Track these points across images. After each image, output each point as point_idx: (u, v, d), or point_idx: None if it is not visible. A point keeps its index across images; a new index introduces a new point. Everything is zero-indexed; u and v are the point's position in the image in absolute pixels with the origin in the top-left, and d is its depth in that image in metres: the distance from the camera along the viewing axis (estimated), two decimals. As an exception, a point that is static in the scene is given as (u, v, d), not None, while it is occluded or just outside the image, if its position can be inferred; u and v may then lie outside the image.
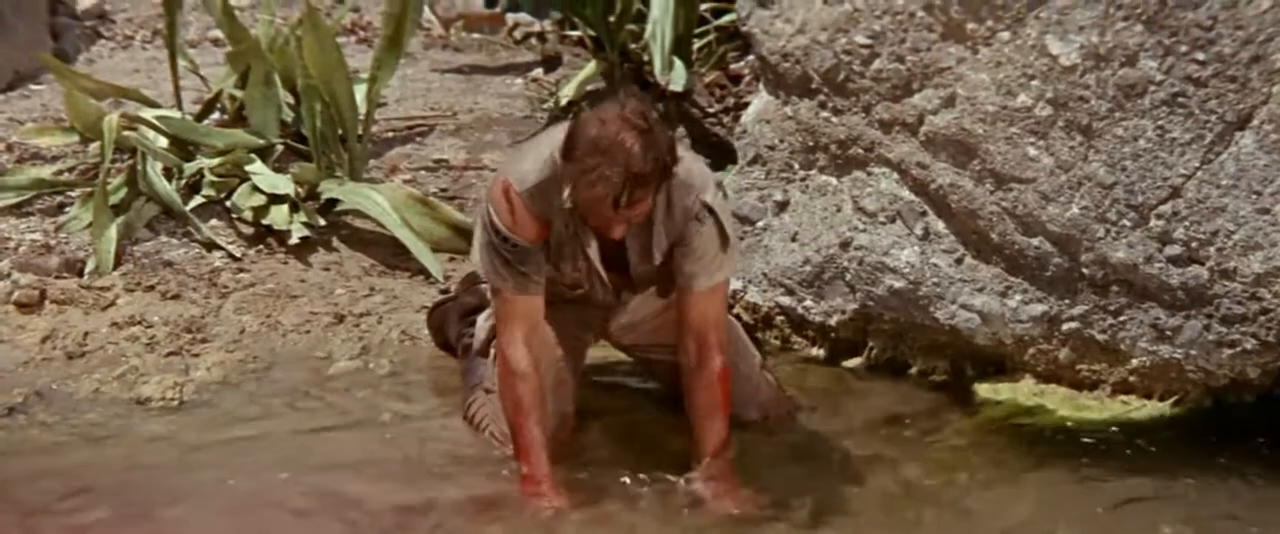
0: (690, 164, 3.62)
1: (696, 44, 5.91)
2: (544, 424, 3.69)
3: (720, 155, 5.46)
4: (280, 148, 5.10)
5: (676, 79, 5.65)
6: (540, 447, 3.67)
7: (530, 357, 3.67)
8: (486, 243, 3.63)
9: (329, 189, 4.97)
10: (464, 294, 4.35)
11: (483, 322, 4.06)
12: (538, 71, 6.15)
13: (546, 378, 3.75)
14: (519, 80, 6.09)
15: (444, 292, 4.69)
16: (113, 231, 4.69)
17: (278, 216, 4.88)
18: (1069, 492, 3.88)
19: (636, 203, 3.40)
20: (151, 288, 4.61)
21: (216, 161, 4.97)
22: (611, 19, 5.84)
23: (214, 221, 4.90)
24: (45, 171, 5.06)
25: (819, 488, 3.85)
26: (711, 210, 3.60)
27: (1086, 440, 4.09)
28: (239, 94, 5.17)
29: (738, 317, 4.41)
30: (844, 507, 3.77)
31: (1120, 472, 3.94)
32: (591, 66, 5.88)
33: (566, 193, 3.45)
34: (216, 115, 5.29)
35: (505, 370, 3.69)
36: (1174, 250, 3.91)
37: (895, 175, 4.26)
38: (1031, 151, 4.00)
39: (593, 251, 3.68)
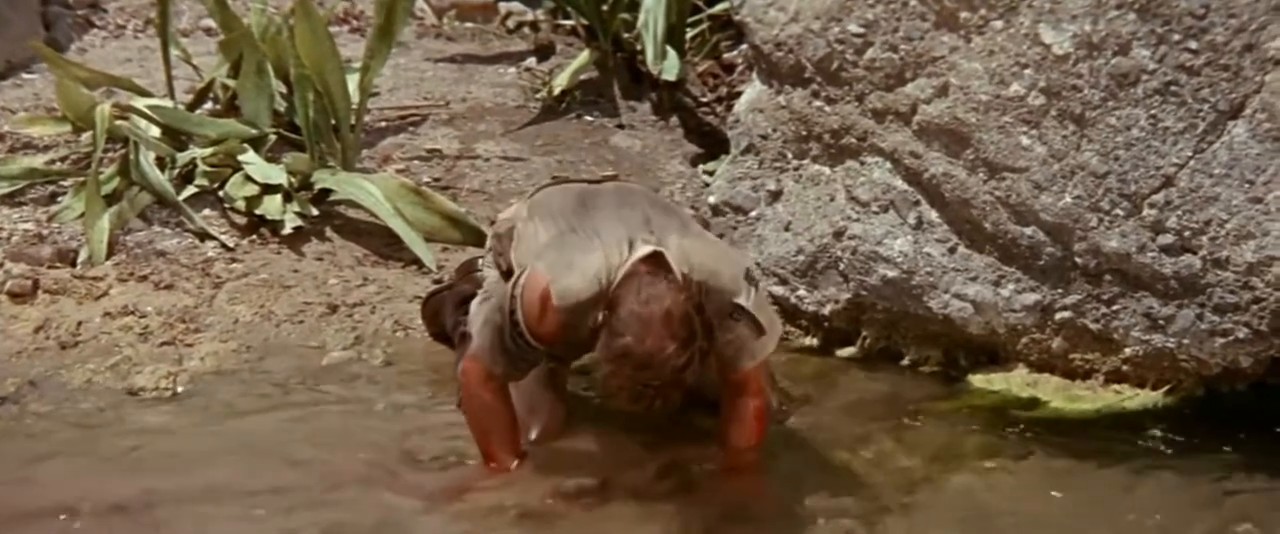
0: (718, 269, 3.55)
1: (689, 33, 5.91)
2: (516, 450, 3.74)
3: (713, 144, 5.47)
4: (273, 137, 5.09)
5: (669, 68, 5.65)
6: (506, 450, 3.72)
7: (496, 388, 3.69)
8: (497, 326, 3.60)
9: (322, 179, 4.97)
10: (460, 282, 4.35)
11: (476, 306, 4.06)
12: (531, 61, 6.14)
13: (522, 428, 3.80)
14: (512, 69, 6.08)
15: (437, 281, 4.69)
16: (105, 221, 4.68)
17: (271, 206, 4.88)
18: (1061, 479, 3.89)
19: (666, 398, 3.40)
20: (144, 278, 4.60)
21: (209, 151, 4.97)
22: (604, 8, 5.84)
23: (207, 211, 4.89)
24: (38, 161, 5.05)
25: (811, 476, 3.86)
26: (744, 311, 3.55)
27: (1079, 429, 4.09)
28: (232, 83, 5.16)
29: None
30: (836, 495, 3.78)
31: (1113, 459, 3.95)
32: (584, 56, 5.88)
33: (599, 358, 3.44)
34: (209, 105, 5.28)
35: (468, 395, 3.70)
36: (1167, 240, 3.92)
37: (888, 165, 4.27)
38: (1024, 141, 4.00)
39: None
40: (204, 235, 4.80)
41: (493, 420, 3.71)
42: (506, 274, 3.74)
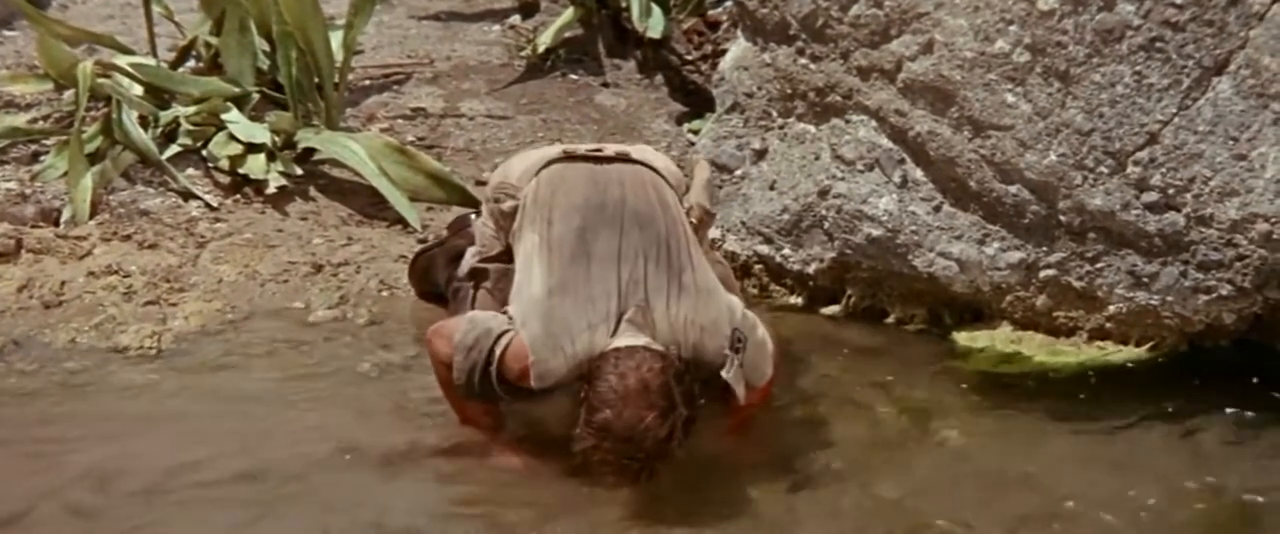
0: (702, 340, 3.55)
1: (674, -10, 5.90)
2: (497, 415, 3.73)
3: (698, 103, 5.46)
4: (256, 96, 5.08)
5: (654, 25, 5.64)
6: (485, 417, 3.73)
7: None
8: (478, 365, 3.56)
9: (306, 138, 4.95)
10: (452, 238, 4.34)
11: (469, 257, 4.06)
12: (515, 18, 6.12)
13: None
14: (496, 27, 6.06)
15: (422, 241, 4.68)
16: (88, 180, 4.66)
17: (254, 166, 4.87)
18: (1045, 435, 3.91)
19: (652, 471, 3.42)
20: (128, 237, 4.59)
21: (192, 110, 4.95)
22: (589, -35, 5.82)
23: (190, 170, 4.88)
24: (20, 119, 5.03)
25: (797, 433, 3.87)
26: (732, 384, 3.54)
27: (1063, 385, 4.11)
28: (214, 41, 5.14)
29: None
30: (821, 452, 3.79)
31: (1097, 416, 3.96)
32: (569, 13, 5.86)
33: (580, 433, 3.43)
34: (192, 63, 5.26)
35: (439, 363, 3.66)
36: (1151, 197, 3.92)
37: (873, 123, 4.26)
38: (1009, 98, 4.00)
39: None
40: (187, 194, 4.79)
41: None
42: (507, 253, 3.76)
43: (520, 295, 3.60)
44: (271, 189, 4.83)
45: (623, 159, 3.79)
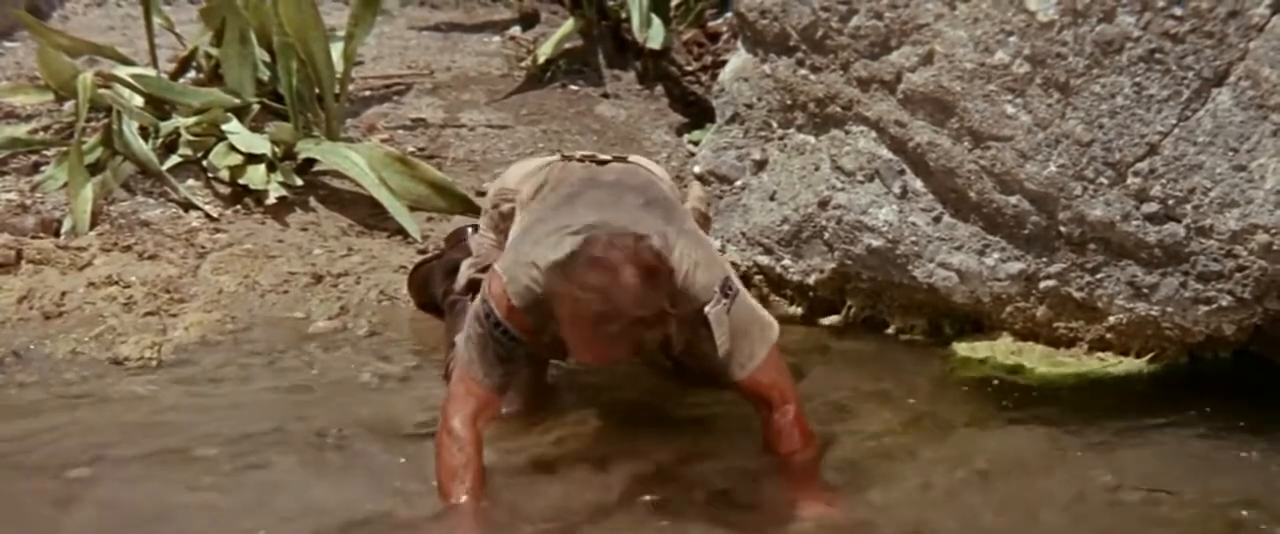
0: (692, 275, 3.47)
1: (674, 1, 5.90)
2: (475, 493, 3.49)
3: (698, 113, 5.47)
4: (257, 107, 5.08)
5: (654, 36, 5.65)
6: (468, 513, 3.49)
7: (474, 433, 3.51)
8: (476, 336, 3.52)
9: (306, 148, 4.96)
10: (450, 250, 4.35)
11: (465, 268, 4.06)
12: (515, 29, 6.13)
13: (504, 402, 3.65)
14: (496, 38, 6.07)
15: (422, 251, 4.68)
16: (89, 191, 4.67)
17: (255, 176, 4.87)
18: (1046, 447, 3.90)
19: (618, 343, 3.26)
20: (128, 248, 4.59)
21: (192, 121, 4.95)
22: (589, -24, 5.83)
23: (191, 181, 4.89)
24: (20, 130, 5.04)
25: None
26: (712, 323, 3.46)
27: (1064, 397, 4.10)
28: (215, 52, 5.15)
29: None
30: (821, 464, 3.78)
31: (1098, 427, 3.96)
32: (569, 24, 5.87)
33: (555, 297, 3.30)
34: (192, 73, 5.27)
35: (445, 439, 3.52)
36: (1151, 208, 3.92)
37: (873, 134, 4.26)
38: (1009, 109, 4.00)
39: None
40: (188, 205, 4.79)
41: (449, 482, 3.49)
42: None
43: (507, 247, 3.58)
44: (272, 200, 4.84)
45: (619, 160, 3.85)
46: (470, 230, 4.29)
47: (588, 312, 3.22)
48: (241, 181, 4.87)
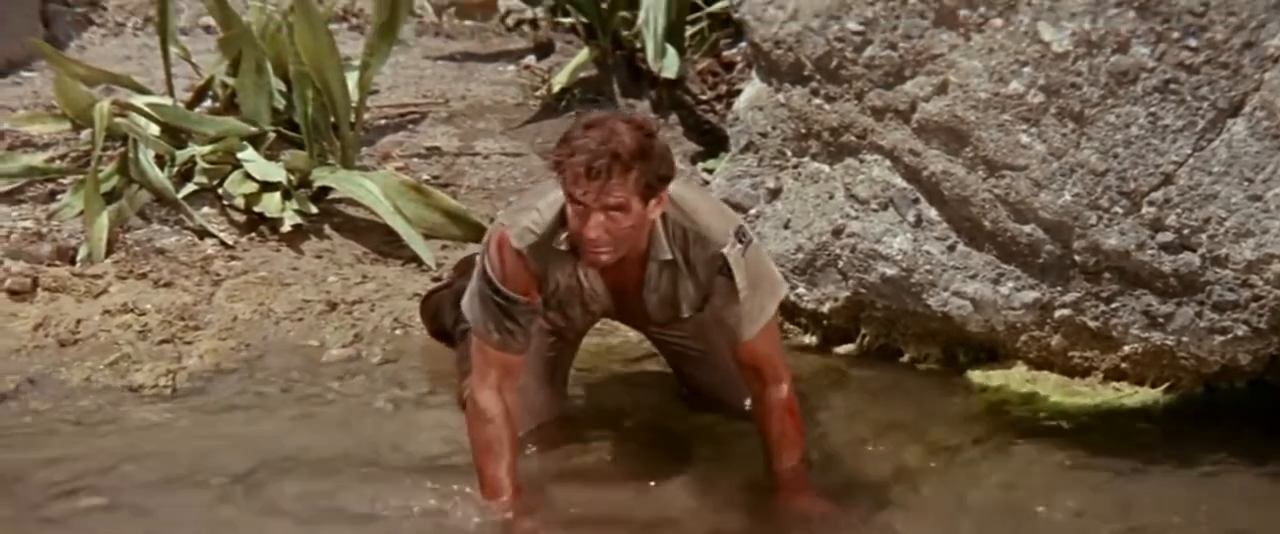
0: (707, 218, 3.52)
1: (689, 30, 5.90)
2: (512, 470, 3.56)
3: (713, 142, 5.47)
4: (272, 135, 5.09)
5: (669, 66, 5.65)
6: (506, 488, 3.55)
7: (501, 403, 3.56)
8: (479, 291, 3.57)
9: (321, 176, 4.97)
10: (459, 279, 4.35)
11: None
12: (530, 58, 6.14)
13: (518, 423, 3.66)
14: (511, 67, 6.08)
15: (436, 279, 4.69)
16: (105, 219, 4.68)
17: (270, 204, 4.88)
18: (1061, 476, 3.89)
19: (611, 185, 3.27)
20: (144, 275, 4.60)
21: (208, 149, 4.96)
22: (604, 5, 5.83)
23: (206, 209, 4.89)
24: (37, 159, 5.05)
25: (811, 475, 3.85)
26: (732, 266, 3.49)
27: (1079, 426, 4.09)
28: (231, 81, 5.16)
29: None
30: (835, 493, 3.77)
31: (1113, 456, 3.95)
32: (584, 54, 5.87)
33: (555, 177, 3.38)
34: (208, 102, 5.28)
35: (474, 412, 3.58)
36: (1166, 237, 3.91)
37: (887, 162, 4.26)
38: (1024, 138, 4.00)
39: (599, 292, 3.64)
40: (203, 233, 4.80)
41: (487, 461, 3.57)
42: None
43: None
44: (287, 227, 4.84)
45: None
46: (479, 257, 4.29)
47: (582, 161, 3.27)
48: (257, 209, 4.87)
